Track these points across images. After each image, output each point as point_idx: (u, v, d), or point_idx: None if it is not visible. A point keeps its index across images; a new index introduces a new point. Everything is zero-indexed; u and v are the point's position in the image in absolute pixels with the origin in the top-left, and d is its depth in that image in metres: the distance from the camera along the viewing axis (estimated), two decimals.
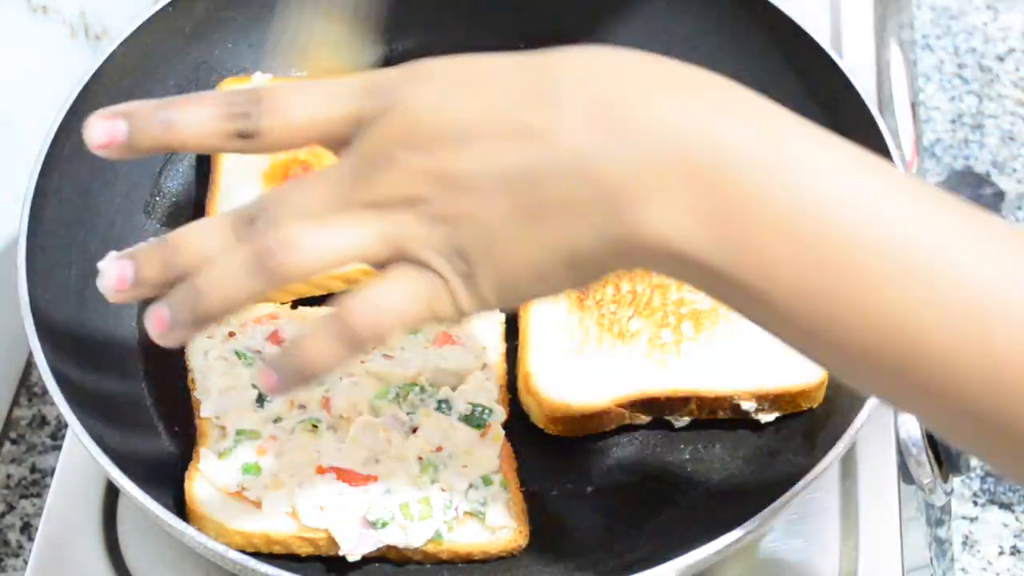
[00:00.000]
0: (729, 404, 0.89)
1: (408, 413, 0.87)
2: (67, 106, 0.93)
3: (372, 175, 0.66)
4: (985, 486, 1.05)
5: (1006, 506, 1.04)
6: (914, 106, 1.16)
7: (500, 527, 0.84)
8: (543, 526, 0.87)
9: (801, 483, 0.81)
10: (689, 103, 0.64)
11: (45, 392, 1.01)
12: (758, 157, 0.62)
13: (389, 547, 0.83)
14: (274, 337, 0.90)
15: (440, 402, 0.87)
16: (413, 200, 0.65)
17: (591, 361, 0.90)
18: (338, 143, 0.68)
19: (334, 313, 0.67)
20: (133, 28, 0.98)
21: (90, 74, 0.95)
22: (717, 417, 0.90)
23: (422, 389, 0.87)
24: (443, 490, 0.84)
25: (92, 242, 0.94)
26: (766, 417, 0.89)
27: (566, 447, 0.90)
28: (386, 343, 0.70)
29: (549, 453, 0.90)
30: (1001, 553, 1.01)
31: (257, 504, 0.83)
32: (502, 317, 0.93)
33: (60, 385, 0.82)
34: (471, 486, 0.84)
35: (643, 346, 0.90)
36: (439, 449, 0.85)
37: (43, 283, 0.88)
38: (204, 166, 0.99)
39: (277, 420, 0.86)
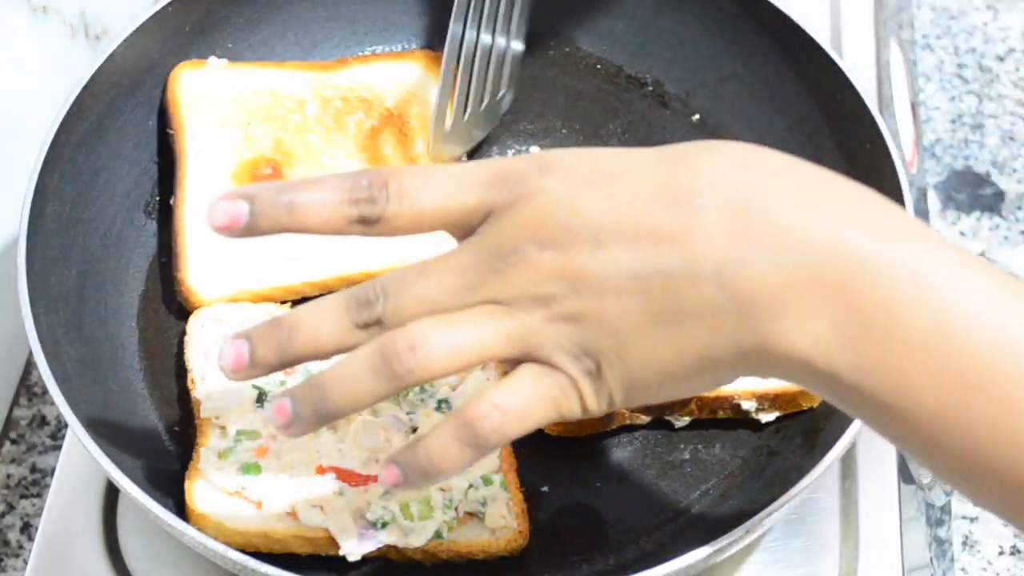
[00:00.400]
0: (729, 404, 0.89)
1: (408, 413, 0.87)
2: (67, 106, 0.93)
3: (500, 270, 0.65)
4: None
5: None
6: (914, 106, 1.16)
7: (500, 527, 0.84)
8: (543, 526, 0.87)
9: (801, 483, 0.81)
10: (829, 212, 0.63)
11: (45, 392, 1.01)
12: (902, 276, 0.62)
13: (389, 547, 0.83)
14: None
15: (440, 402, 0.87)
16: (542, 299, 0.65)
17: None
18: (462, 231, 0.67)
19: (462, 417, 0.66)
20: (133, 28, 0.98)
21: (90, 74, 0.95)
22: (717, 417, 0.90)
23: (422, 389, 0.87)
24: (443, 490, 0.84)
25: (92, 242, 0.94)
26: (766, 417, 0.89)
27: (566, 447, 0.90)
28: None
29: (549, 453, 0.90)
30: (1001, 553, 1.01)
31: (257, 504, 0.83)
32: None
33: (60, 385, 0.82)
34: (471, 486, 0.84)
35: None
36: None
37: (43, 283, 0.87)
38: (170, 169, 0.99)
39: None
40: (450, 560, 0.84)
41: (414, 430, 0.86)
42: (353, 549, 0.82)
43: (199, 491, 0.83)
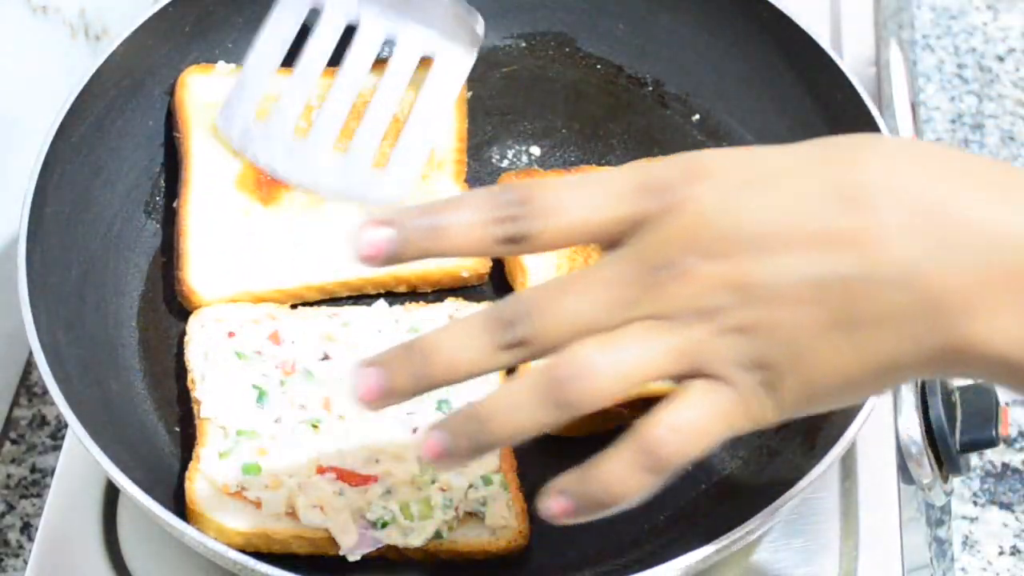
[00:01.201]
0: None
1: (408, 413, 0.87)
2: (67, 106, 0.93)
3: (659, 284, 0.62)
4: (985, 486, 1.05)
5: (1006, 506, 1.04)
6: (914, 106, 1.16)
7: (500, 527, 0.84)
8: (543, 526, 0.86)
9: (801, 483, 0.81)
10: (1012, 205, 0.61)
11: (45, 392, 1.01)
12: None
13: (389, 547, 0.83)
14: (274, 337, 0.89)
15: (440, 402, 0.87)
16: (708, 312, 0.62)
17: None
18: (609, 243, 0.64)
19: (639, 444, 0.63)
20: (133, 28, 0.98)
21: (90, 74, 0.95)
22: None
23: None
24: (443, 490, 0.84)
25: (92, 242, 0.94)
26: None
27: (566, 447, 0.90)
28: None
29: (549, 453, 0.89)
30: (1001, 553, 1.01)
31: (257, 504, 0.83)
32: None
33: (60, 385, 0.82)
34: (471, 486, 0.84)
35: None
36: None
37: (43, 283, 0.87)
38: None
39: (277, 420, 0.86)
40: (450, 560, 0.84)
41: (414, 430, 0.86)
42: (353, 549, 0.82)
43: (199, 491, 0.83)
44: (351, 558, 0.82)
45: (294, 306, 0.93)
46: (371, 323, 0.91)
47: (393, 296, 0.95)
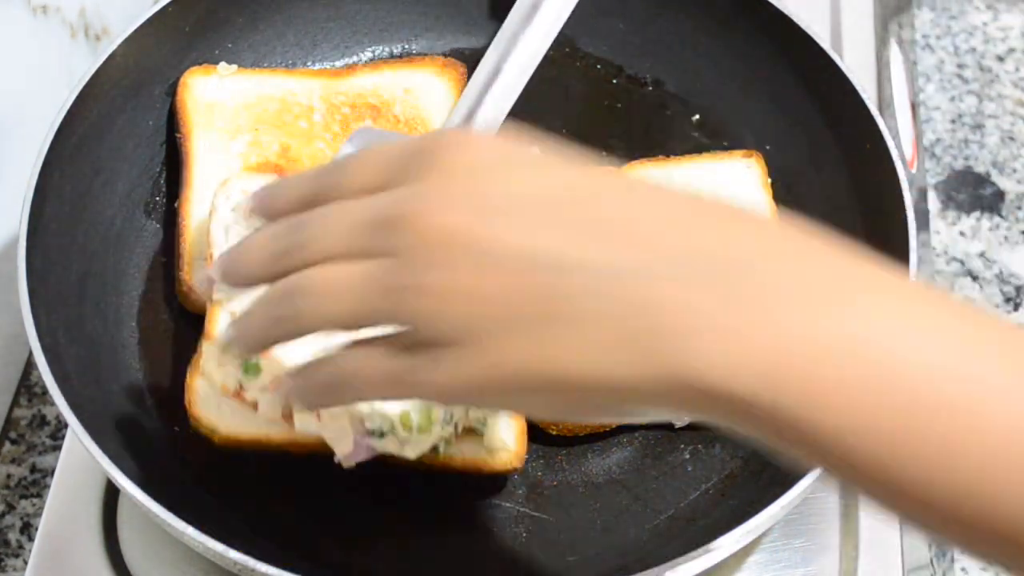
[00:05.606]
0: None
1: None
2: (67, 106, 0.93)
3: (391, 228, 0.63)
4: None
5: None
6: (914, 106, 1.16)
7: (498, 448, 0.83)
8: (543, 525, 0.87)
9: (801, 483, 0.81)
10: (735, 236, 0.59)
11: (45, 392, 1.01)
12: (823, 305, 0.56)
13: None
14: None
15: None
16: (413, 264, 0.62)
17: None
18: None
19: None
20: (133, 28, 0.98)
21: (90, 74, 0.95)
22: None
23: None
24: None
25: (92, 242, 0.94)
26: None
27: (566, 447, 0.90)
28: None
29: (549, 452, 0.90)
30: None
31: (253, 405, 0.80)
32: None
33: (60, 385, 0.82)
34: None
35: None
36: None
37: (43, 283, 0.88)
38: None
39: None
40: (442, 472, 0.83)
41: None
42: (349, 457, 0.79)
43: (199, 390, 0.83)
44: (346, 466, 0.80)
45: None
46: None
47: None
